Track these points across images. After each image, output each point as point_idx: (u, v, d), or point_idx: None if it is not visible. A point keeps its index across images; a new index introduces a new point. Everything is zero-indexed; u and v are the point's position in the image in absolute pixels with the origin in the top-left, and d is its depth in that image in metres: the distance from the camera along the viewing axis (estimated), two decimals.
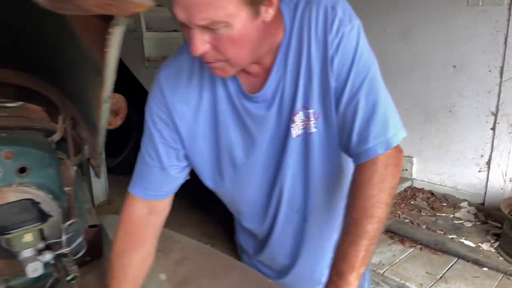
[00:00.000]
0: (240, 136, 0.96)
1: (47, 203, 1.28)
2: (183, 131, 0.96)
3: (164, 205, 1.03)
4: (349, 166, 0.97)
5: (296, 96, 0.90)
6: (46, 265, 1.21)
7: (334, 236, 1.03)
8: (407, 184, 3.19)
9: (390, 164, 0.86)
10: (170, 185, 1.02)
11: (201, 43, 0.77)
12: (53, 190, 1.32)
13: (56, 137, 1.42)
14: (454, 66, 2.84)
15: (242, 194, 1.05)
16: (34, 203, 1.13)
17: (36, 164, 1.31)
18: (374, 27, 3.02)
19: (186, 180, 1.05)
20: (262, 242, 1.16)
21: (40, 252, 1.11)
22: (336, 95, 0.89)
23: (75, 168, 1.31)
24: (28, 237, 1.04)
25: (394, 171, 0.86)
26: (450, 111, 2.93)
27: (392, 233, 2.54)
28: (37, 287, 1.24)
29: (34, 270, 1.05)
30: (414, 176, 3.22)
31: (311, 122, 0.92)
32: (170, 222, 1.09)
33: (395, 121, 0.88)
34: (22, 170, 1.28)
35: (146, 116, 0.98)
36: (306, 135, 0.94)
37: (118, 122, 1.66)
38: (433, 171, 3.12)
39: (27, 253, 1.07)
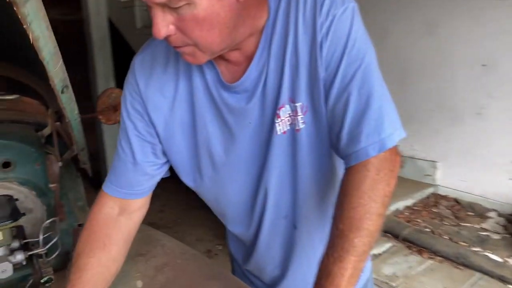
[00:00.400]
0: (218, 131, 0.87)
1: (30, 200, 1.22)
2: (159, 125, 0.87)
3: (138, 206, 0.94)
4: (343, 167, 0.85)
5: (281, 87, 0.80)
6: (27, 265, 1.15)
7: None
8: (429, 190, 3.01)
9: (383, 169, 0.74)
10: (145, 183, 0.93)
11: (164, 25, 0.68)
12: (37, 186, 1.26)
13: (46, 131, 1.36)
14: (484, 65, 2.65)
15: (224, 195, 0.95)
16: (11, 199, 1.07)
17: (21, 159, 1.25)
18: (396, 24, 2.86)
19: None
20: (249, 250, 1.05)
21: (12, 251, 1.05)
22: (326, 87, 0.78)
23: (60, 164, 1.25)
24: None
25: (388, 177, 0.74)
26: (478, 113, 2.74)
27: (409, 242, 2.38)
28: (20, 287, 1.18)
29: (2, 271, 0.99)
30: (437, 182, 3.03)
31: (298, 117, 0.81)
32: (182, 222, 1.00)
33: (392, 119, 0.76)
34: (6, 164, 1.22)
35: (121, 105, 0.90)
36: (293, 131, 0.83)
37: (118, 118, 1.59)
38: (459, 177, 2.93)
39: None
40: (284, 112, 0.82)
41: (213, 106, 0.85)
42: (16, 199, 1.10)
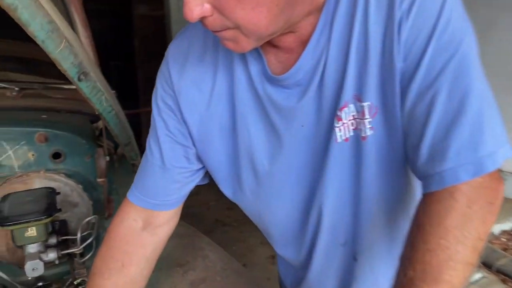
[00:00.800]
0: (263, 135, 0.71)
1: (77, 194, 1.17)
2: (192, 124, 0.74)
3: (165, 219, 0.81)
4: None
5: (344, 81, 0.62)
6: (66, 263, 1.10)
7: None
8: None
9: (479, 200, 0.53)
10: (175, 192, 0.79)
11: (197, 3, 0.53)
12: (86, 180, 1.21)
13: (101, 123, 1.31)
14: None
15: (269, 213, 0.79)
16: (51, 193, 1.02)
17: (72, 151, 1.21)
18: (503, 14, 2.45)
19: None
20: (300, 277, 0.88)
21: (48, 248, 0.99)
22: (404, 82, 0.58)
23: (107, 158, 1.18)
24: (32, 231, 0.92)
25: (484, 211, 0.53)
26: None
27: (505, 275, 2.01)
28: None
29: (33, 269, 0.93)
30: None
31: (365, 120, 0.63)
32: (249, 222, 0.86)
33: (495, 131, 0.54)
34: (56, 155, 1.19)
35: (152, 99, 0.77)
36: (357, 139, 0.65)
37: None
38: None
39: (31, 248, 0.95)
40: (347, 114, 0.63)
41: (257, 104, 0.69)
42: (58, 193, 1.05)
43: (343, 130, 0.65)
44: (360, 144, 0.64)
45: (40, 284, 1.18)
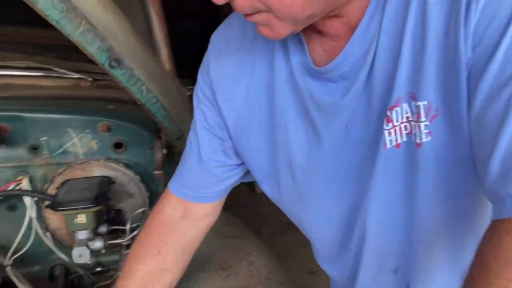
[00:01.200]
0: (301, 133, 0.62)
1: (134, 185, 1.18)
2: (228, 117, 0.68)
3: (203, 213, 0.78)
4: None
5: (397, 75, 0.51)
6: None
7: None
8: None
9: None
10: (212, 186, 0.75)
11: None
12: (144, 171, 1.22)
13: None
14: None
15: (306, 220, 0.70)
16: (106, 182, 1.04)
17: (133, 142, 1.23)
18: None
19: None
20: None
21: (96, 237, 1.00)
22: (472, 78, 0.46)
23: (164, 151, 1.18)
24: (81, 218, 0.94)
25: None
26: None
27: None
28: None
29: (79, 255, 0.95)
30: None
31: (421, 124, 0.51)
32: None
33: None
34: (118, 145, 1.21)
35: (194, 90, 0.74)
36: (411, 146, 0.53)
37: None
38: None
39: (80, 235, 0.97)
40: (399, 114, 0.53)
41: (297, 98, 0.61)
42: (113, 182, 1.06)
43: (393, 134, 0.54)
44: (415, 152, 0.53)
45: (99, 269, 1.22)
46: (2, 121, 1.09)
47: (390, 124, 0.53)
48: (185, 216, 0.77)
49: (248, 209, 2.25)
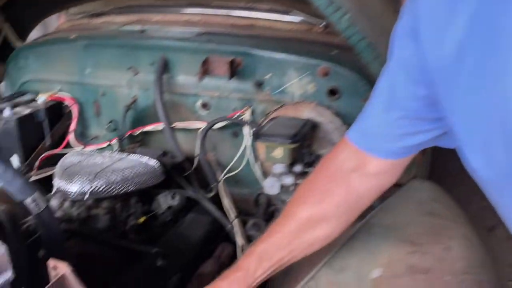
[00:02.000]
0: None
1: (338, 134, 1.15)
2: (434, 60, 0.54)
3: (377, 169, 0.68)
4: None
5: None
6: None
7: None
8: None
9: None
10: (397, 140, 0.64)
11: None
12: (353, 122, 1.16)
13: None
14: None
15: None
16: (310, 126, 1.03)
17: (349, 90, 1.17)
18: None
19: None
20: None
21: (289, 174, 1.03)
22: None
23: None
24: (278, 153, 0.98)
25: None
26: None
27: None
28: None
29: (270, 186, 0.99)
30: None
31: None
32: None
33: None
34: (333, 92, 1.18)
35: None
36: None
37: None
38: None
39: (275, 168, 1.01)
40: None
41: None
42: (315, 126, 1.04)
43: None
44: None
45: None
46: (238, 56, 1.21)
47: None
48: (357, 169, 0.70)
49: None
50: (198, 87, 1.28)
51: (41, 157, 1.35)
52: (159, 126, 1.31)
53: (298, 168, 1.03)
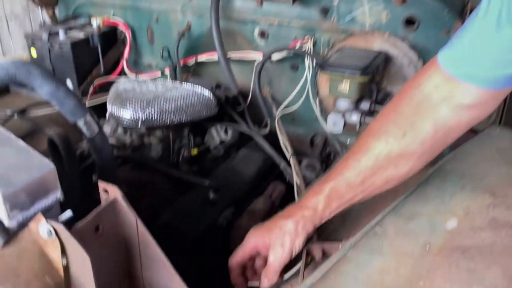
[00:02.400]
0: None
1: (414, 69, 1.02)
2: None
3: (473, 99, 0.57)
4: None
5: None
6: None
7: None
8: None
9: None
10: (500, 67, 0.53)
11: None
12: (431, 57, 1.01)
13: None
14: None
15: None
16: (383, 59, 0.91)
17: (429, 20, 1.02)
18: None
19: None
20: None
21: (355, 111, 0.93)
22: None
23: None
24: (345, 86, 0.88)
25: None
26: None
27: None
28: None
29: (333, 123, 0.90)
30: None
31: None
32: None
33: None
34: (410, 21, 1.04)
35: None
36: None
37: None
38: None
39: (340, 102, 0.92)
40: None
41: None
42: (388, 59, 0.92)
43: None
44: None
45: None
46: None
47: None
48: (448, 98, 0.59)
49: None
50: (257, 12, 1.17)
51: (95, 83, 1.33)
52: (213, 55, 1.24)
53: (365, 105, 0.93)
